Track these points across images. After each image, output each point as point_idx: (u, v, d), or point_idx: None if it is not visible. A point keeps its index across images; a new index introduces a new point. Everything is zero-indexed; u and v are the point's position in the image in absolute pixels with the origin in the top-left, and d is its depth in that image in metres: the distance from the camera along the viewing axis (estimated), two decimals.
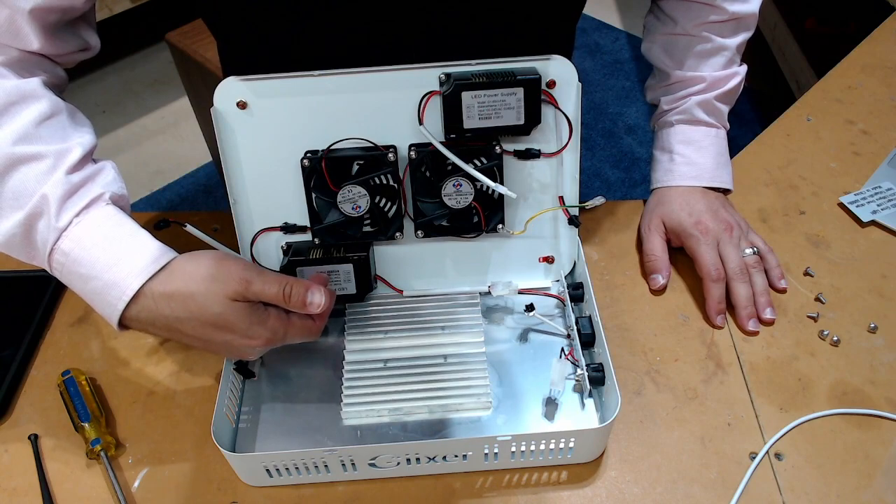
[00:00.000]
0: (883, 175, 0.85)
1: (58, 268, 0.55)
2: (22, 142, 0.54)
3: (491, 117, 0.60)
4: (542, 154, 0.65)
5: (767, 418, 0.63)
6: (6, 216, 0.55)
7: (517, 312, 0.70)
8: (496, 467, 0.59)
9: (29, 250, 0.56)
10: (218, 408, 0.58)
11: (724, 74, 0.77)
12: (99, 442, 0.60)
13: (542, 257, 0.70)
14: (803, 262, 0.76)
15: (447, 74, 0.60)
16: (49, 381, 0.66)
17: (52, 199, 0.54)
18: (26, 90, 0.56)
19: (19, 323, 0.70)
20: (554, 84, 0.62)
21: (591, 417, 0.62)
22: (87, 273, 0.54)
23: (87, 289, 0.55)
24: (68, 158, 0.55)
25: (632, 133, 2.13)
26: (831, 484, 0.59)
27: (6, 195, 0.54)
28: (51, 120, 0.57)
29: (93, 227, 0.54)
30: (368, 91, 0.62)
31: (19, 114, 0.55)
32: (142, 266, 0.54)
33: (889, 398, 0.64)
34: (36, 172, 0.54)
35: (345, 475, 0.59)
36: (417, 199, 0.65)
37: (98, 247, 0.54)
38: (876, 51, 1.04)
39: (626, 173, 2.01)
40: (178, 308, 0.54)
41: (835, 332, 0.69)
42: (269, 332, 0.56)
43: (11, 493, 0.59)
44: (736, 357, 0.68)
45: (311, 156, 0.63)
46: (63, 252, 0.54)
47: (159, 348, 0.69)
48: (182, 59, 1.57)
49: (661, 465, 0.60)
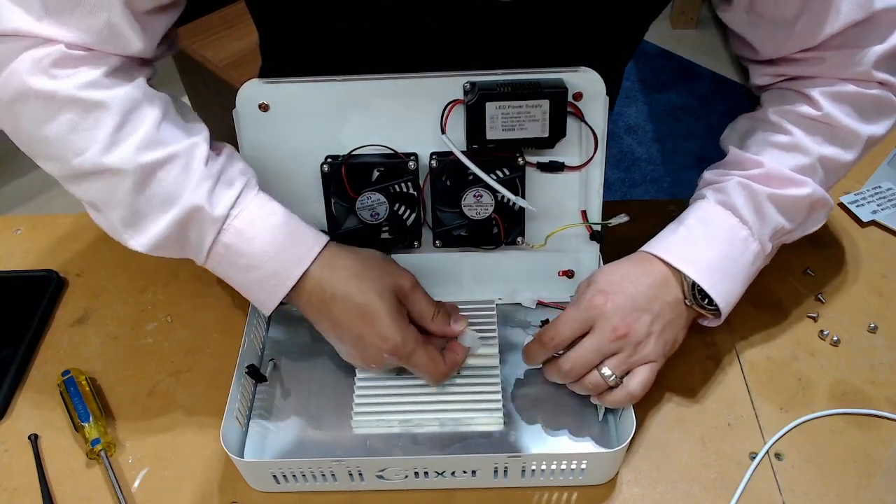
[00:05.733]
0: (883, 175, 0.85)
1: (217, 259, 0.56)
2: (150, 149, 0.54)
3: (515, 129, 0.59)
4: (565, 167, 0.64)
5: (767, 418, 0.63)
6: (154, 221, 0.55)
7: (533, 326, 0.68)
8: (506, 485, 0.58)
9: (181, 248, 0.57)
10: (228, 411, 0.58)
11: (788, 174, 0.61)
12: (99, 442, 0.60)
13: (562, 271, 0.69)
14: (803, 262, 0.76)
15: (472, 83, 0.59)
16: (49, 381, 0.66)
17: (202, 195, 0.54)
18: (137, 96, 0.55)
19: (19, 323, 0.70)
20: (581, 96, 0.61)
21: (606, 439, 0.61)
22: (248, 263, 0.56)
23: (246, 278, 0.57)
24: (198, 152, 0.55)
25: (632, 133, 2.13)
26: (831, 484, 0.59)
27: (151, 202, 0.54)
28: (167, 119, 0.56)
29: (253, 219, 0.56)
30: (391, 97, 0.61)
31: (140, 121, 0.54)
32: (302, 253, 0.57)
33: (889, 398, 0.64)
34: (174, 174, 0.54)
35: (351, 485, 0.58)
36: (437, 208, 0.64)
37: (259, 238, 0.55)
38: None
39: (626, 173, 2.01)
40: (337, 285, 0.57)
41: (835, 332, 0.69)
42: (402, 339, 0.57)
43: (11, 493, 0.59)
44: (736, 357, 0.68)
45: (331, 161, 0.62)
46: (225, 245, 0.56)
47: (159, 348, 0.69)
48: (182, 58, 1.57)
49: (661, 465, 0.60)
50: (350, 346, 0.59)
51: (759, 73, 0.67)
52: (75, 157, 0.53)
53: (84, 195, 0.56)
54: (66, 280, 0.75)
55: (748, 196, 0.61)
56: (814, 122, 0.62)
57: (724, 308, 0.60)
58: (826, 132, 0.62)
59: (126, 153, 0.53)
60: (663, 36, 2.52)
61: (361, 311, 0.56)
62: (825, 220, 0.66)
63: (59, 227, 0.80)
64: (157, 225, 0.55)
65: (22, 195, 1.95)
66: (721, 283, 0.59)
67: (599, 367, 0.58)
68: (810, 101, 0.62)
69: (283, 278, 0.56)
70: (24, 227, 0.80)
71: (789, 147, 0.62)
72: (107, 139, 0.53)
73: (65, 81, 0.52)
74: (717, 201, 0.62)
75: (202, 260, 0.57)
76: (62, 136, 0.53)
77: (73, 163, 0.53)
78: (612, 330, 0.57)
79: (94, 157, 0.53)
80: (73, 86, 0.52)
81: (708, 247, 0.60)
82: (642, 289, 0.59)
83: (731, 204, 0.61)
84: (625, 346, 0.57)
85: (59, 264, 0.75)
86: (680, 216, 0.64)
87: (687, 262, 0.59)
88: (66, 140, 0.53)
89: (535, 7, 0.59)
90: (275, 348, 0.68)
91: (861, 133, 0.62)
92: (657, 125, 2.15)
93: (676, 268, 0.60)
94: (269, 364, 0.66)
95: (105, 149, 0.53)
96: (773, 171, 0.61)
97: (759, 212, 0.61)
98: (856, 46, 0.59)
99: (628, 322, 0.57)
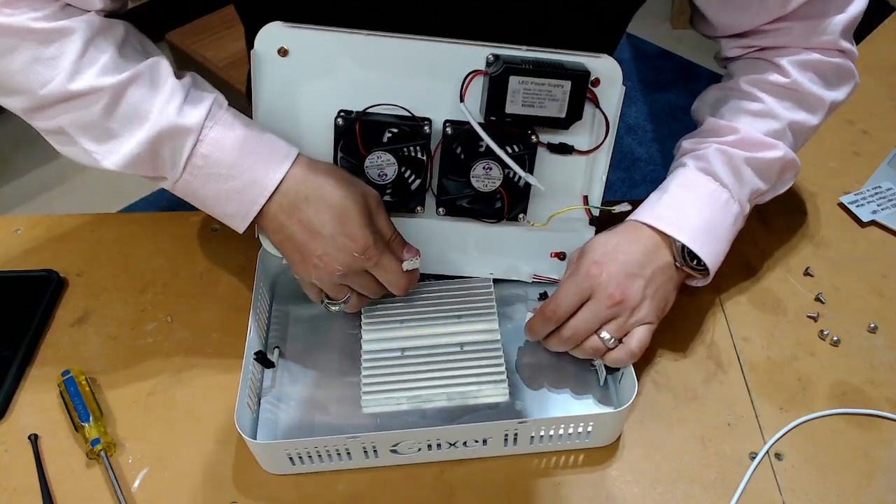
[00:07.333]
0: (883, 175, 0.85)
1: (193, 172, 0.57)
2: (115, 70, 0.55)
3: (534, 105, 0.59)
4: (575, 151, 0.64)
5: (767, 418, 0.63)
6: (126, 140, 0.56)
7: (531, 300, 0.71)
8: (516, 452, 0.60)
9: (155, 164, 0.57)
10: (240, 397, 0.58)
11: (761, 139, 0.65)
12: (99, 442, 0.60)
13: (554, 253, 0.70)
14: (803, 262, 0.76)
15: (496, 56, 0.59)
16: (49, 381, 0.66)
17: (173, 110, 0.55)
18: (96, 24, 0.56)
19: (19, 323, 0.70)
20: (598, 83, 0.61)
21: (608, 402, 0.63)
22: (226, 174, 0.57)
23: (224, 188, 0.57)
24: (162, 67, 0.57)
25: (632, 133, 2.13)
26: (831, 484, 0.59)
27: (122, 121, 0.55)
28: (127, 43, 0.57)
29: (227, 130, 0.57)
30: (412, 59, 0.60)
31: (102, 47, 0.55)
32: (279, 159, 0.58)
33: (889, 398, 0.64)
34: (142, 91, 0.55)
35: (366, 462, 0.59)
36: (445, 176, 0.65)
37: (236, 148, 0.57)
38: (876, 51, 1.04)
39: (626, 173, 2.01)
40: (311, 188, 0.58)
41: (835, 332, 0.69)
42: (373, 240, 0.59)
43: (11, 493, 0.59)
44: (736, 357, 0.68)
45: (345, 115, 0.62)
46: (202, 156, 0.56)
47: (159, 348, 0.69)
48: (182, 58, 1.58)
49: (661, 465, 0.60)
50: (318, 253, 0.59)
51: (730, 46, 0.70)
52: (41, 87, 0.54)
53: (52, 125, 0.56)
54: (66, 280, 0.74)
55: (726, 161, 0.64)
56: (783, 89, 0.66)
57: (713, 267, 0.63)
58: (794, 98, 0.66)
59: (92, 77, 0.54)
60: (663, 36, 2.52)
61: (335, 212, 0.58)
62: (793, 181, 0.70)
63: (59, 227, 0.80)
64: (129, 143, 0.55)
65: (22, 195, 1.95)
66: (708, 244, 0.63)
67: (598, 332, 0.61)
68: (779, 70, 0.66)
69: (262, 186, 0.57)
70: (24, 227, 0.80)
71: (761, 113, 0.66)
72: (71, 66, 0.53)
73: (19, 17, 0.53)
74: (697, 168, 0.65)
75: (176, 176, 0.57)
76: (25, 69, 0.54)
77: (41, 93, 0.54)
78: (608, 297, 0.60)
79: (61, 85, 0.54)
80: (29, 18, 0.53)
81: (693, 211, 0.63)
82: (634, 256, 0.62)
83: (710, 170, 0.64)
84: (621, 311, 0.60)
85: (59, 264, 0.75)
86: (662, 184, 0.67)
87: (675, 227, 0.62)
88: (30, 72, 0.54)
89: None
90: (278, 337, 0.69)
91: (826, 98, 0.67)
92: (657, 125, 2.15)
93: (666, 233, 0.63)
94: (274, 351, 0.67)
95: (70, 76, 0.54)
96: (748, 136, 0.65)
97: (738, 175, 0.65)
98: (821, 16, 0.64)
99: (623, 288, 0.60)
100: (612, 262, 0.61)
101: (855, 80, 0.69)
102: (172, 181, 0.58)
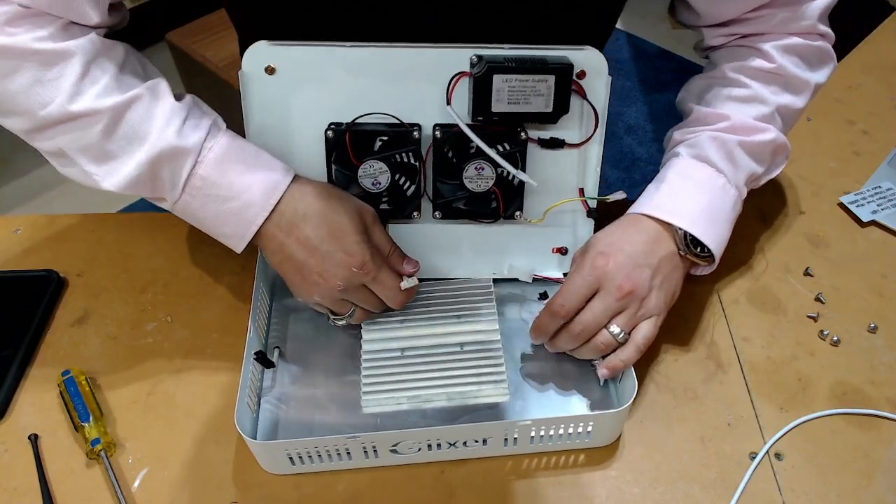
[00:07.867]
0: (883, 175, 0.85)
1: (192, 193, 0.57)
2: (115, 92, 0.55)
3: (520, 102, 0.60)
4: (566, 144, 0.65)
5: (767, 418, 0.63)
6: (125, 160, 0.56)
7: (530, 300, 0.71)
8: (515, 452, 0.60)
9: (154, 185, 0.58)
10: (240, 397, 0.58)
11: (752, 123, 0.66)
12: (99, 442, 0.60)
13: (556, 248, 0.70)
14: (803, 262, 0.76)
15: (479, 56, 0.60)
16: (49, 381, 0.66)
17: (172, 132, 0.55)
18: (97, 45, 0.56)
19: (19, 323, 0.70)
20: (584, 75, 0.62)
21: (608, 402, 0.63)
22: (225, 194, 0.57)
23: (222, 209, 0.58)
24: (161, 89, 0.57)
25: (632, 133, 2.13)
26: (831, 484, 0.59)
27: (121, 142, 0.56)
28: (127, 65, 0.58)
29: (226, 151, 0.58)
30: (397, 67, 0.61)
31: (103, 68, 0.56)
32: (277, 180, 0.59)
33: (889, 398, 0.64)
34: (141, 112, 0.56)
35: (366, 462, 0.59)
36: (438, 179, 0.65)
37: (234, 170, 0.58)
38: (876, 51, 1.04)
39: (626, 173, 2.01)
40: (309, 206, 0.59)
41: (835, 332, 0.69)
42: (370, 255, 0.59)
43: (11, 493, 0.59)
44: (736, 357, 0.68)
45: (335, 127, 0.63)
46: (201, 177, 0.57)
47: (159, 348, 0.69)
48: (182, 58, 1.58)
49: (661, 465, 0.60)
50: (317, 269, 0.59)
51: (713, 35, 0.71)
52: (41, 108, 0.54)
53: (52, 146, 0.57)
54: (66, 280, 0.74)
55: (719, 146, 0.65)
56: (768, 74, 0.67)
57: (717, 252, 0.63)
58: (780, 82, 0.68)
59: (92, 98, 0.54)
60: (663, 36, 2.52)
61: (332, 229, 0.59)
62: (785, 163, 0.71)
63: (59, 227, 0.80)
64: (128, 165, 0.56)
65: (22, 195, 1.95)
66: (710, 228, 0.63)
67: (608, 326, 0.60)
68: (763, 55, 0.67)
69: (260, 206, 0.58)
70: (24, 227, 0.80)
71: (749, 99, 0.67)
72: (71, 88, 0.54)
73: (21, 37, 0.53)
74: (691, 156, 0.66)
75: (175, 197, 0.58)
76: (27, 90, 0.54)
77: (41, 114, 0.54)
78: (617, 288, 0.59)
79: (61, 106, 0.54)
80: (31, 39, 0.53)
81: (692, 198, 0.64)
82: (639, 246, 0.61)
83: (704, 157, 0.65)
84: (631, 302, 0.60)
85: (59, 264, 0.75)
86: (658, 175, 0.67)
87: (676, 215, 0.62)
88: (31, 93, 0.54)
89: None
90: (278, 337, 0.69)
91: (809, 81, 0.68)
92: (657, 125, 2.15)
93: (667, 222, 0.63)
94: (274, 351, 0.67)
95: (71, 97, 0.54)
96: (739, 121, 0.65)
97: (732, 160, 0.65)
98: (801, 2, 0.66)
99: (632, 279, 0.60)
100: (619, 252, 0.61)
101: (834, 62, 0.70)
102: (172, 202, 0.58)
